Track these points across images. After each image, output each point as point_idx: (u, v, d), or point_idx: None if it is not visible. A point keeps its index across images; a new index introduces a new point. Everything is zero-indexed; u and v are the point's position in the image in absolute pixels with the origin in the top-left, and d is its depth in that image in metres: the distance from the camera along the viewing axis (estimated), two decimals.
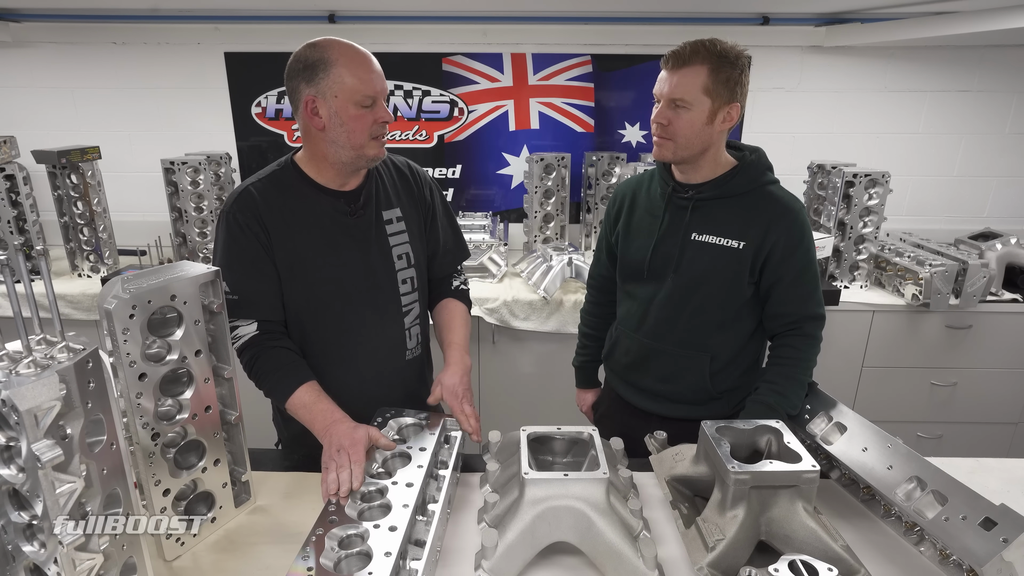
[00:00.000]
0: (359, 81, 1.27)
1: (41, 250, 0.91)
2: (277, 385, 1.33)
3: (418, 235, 1.51)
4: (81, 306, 2.54)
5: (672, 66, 1.36)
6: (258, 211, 1.34)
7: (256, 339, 1.34)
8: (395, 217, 1.46)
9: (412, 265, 1.49)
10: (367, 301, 1.43)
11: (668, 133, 1.40)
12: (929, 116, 3.09)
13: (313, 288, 1.38)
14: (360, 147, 1.32)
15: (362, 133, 1.31)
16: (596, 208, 3.02)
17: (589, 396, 1.87)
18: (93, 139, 2.83)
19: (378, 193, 1.45)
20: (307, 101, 1.29)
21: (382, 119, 1.32)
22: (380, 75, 1.31)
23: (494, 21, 2.94)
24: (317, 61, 1.27)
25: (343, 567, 0.94)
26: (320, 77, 1.27)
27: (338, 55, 1.27)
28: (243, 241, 1.33)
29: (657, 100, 1.42)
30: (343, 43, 1.29)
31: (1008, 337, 2.61)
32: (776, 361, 1.47)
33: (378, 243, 1.43)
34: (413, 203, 1.51)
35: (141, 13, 2.87)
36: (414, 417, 1.32)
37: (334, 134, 1.31)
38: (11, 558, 0.80)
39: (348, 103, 1.28)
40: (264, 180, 1.38)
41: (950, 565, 1.02)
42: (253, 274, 1.34)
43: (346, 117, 1.29)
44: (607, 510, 1.03)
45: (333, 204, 1.39)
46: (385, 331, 1.47)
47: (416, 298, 1.52)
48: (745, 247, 1.43)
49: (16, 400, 0.70)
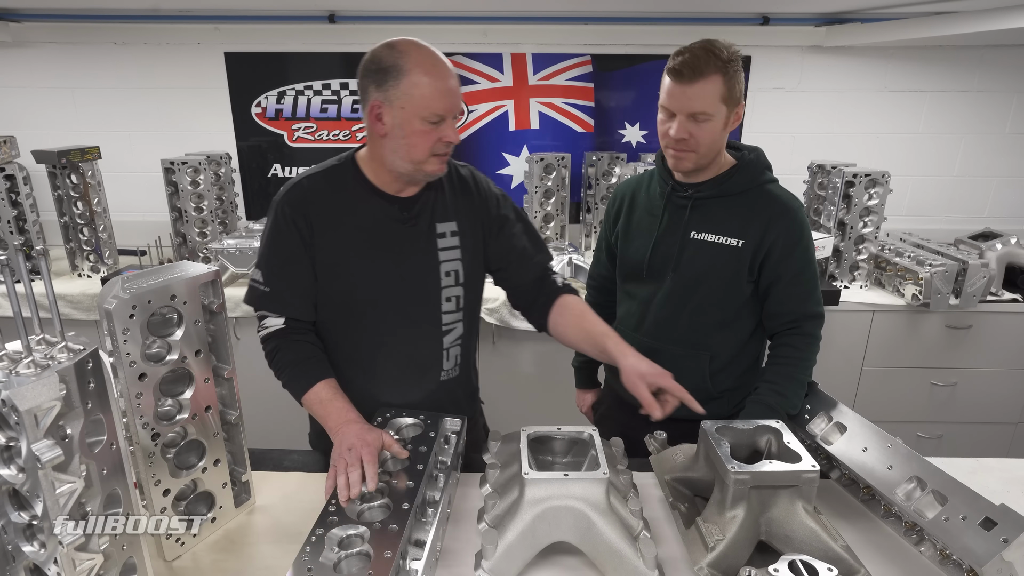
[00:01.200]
0: (430, 96, 1.20)
1: (41, 250, 0.91)
2: (295, 378, 1.31)
3: (473, 252, 1.41)
4: (81, 306, 2.54)
5: (687, 79, 1.32)
6: (306, 206, 1.30)
7: (281, 332, 1.33)
8: (450, 231, 1.38)
9: (460, 284, 1.40)
10: (403, 314, 1.36)
11: (689, 146, 1.38)
12: (929, 116, 3.09)
13: (350, 293, 1.33)
14: (419, 162, 1.26)
15: (423, 150, 1.24)
16: (596, 208, 3.02)
17: (589, 396, 1.87)
18: (93, 139, 2.82)
19: (435, 203, 1.37)
20: (373, 105, 1.23)
21: (447, 139, 1.26)
22: (455, 92, 1.24)
23: (494, 21, 2.94)
24: (391, 66, 1.19)
25: (343, 567, 0.94)
26: (390, 84, 1.19)
27: (414, 64, 1.19)
28: (285, 234, 1.30)
29: (669, 114, 1.38)
30: (424, 50, 1.21)
31: (1008, 337, 2.61)
32: (776, 361, 1.47)
33: (426, 256, 1.36)
34: (474, 218, 1.41)
35: (141, 13, 2.87)
36: (414, 417, 1.32)
37: (394, 144, 1.24)
38: (11, 558, 0.80)
39: (414, 117, 1.21)
40: (320, 174, 1.34)
41: (950, 565, 1.02)
42: (287, 270, 1.31)
43: (409, 131, 1.22)
44: (607, 510, 1.03)
45: (385, 209, 1.33)
46: (419, 348, 1.40)
47: (460, 318, 1.42)
48: (744, 245, 1.43)
49: (16, 400, 0.70)
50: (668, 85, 1.36)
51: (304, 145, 3.14)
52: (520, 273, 1.48)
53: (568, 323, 1.43)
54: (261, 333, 1.34)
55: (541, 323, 1.48)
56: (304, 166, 3.16)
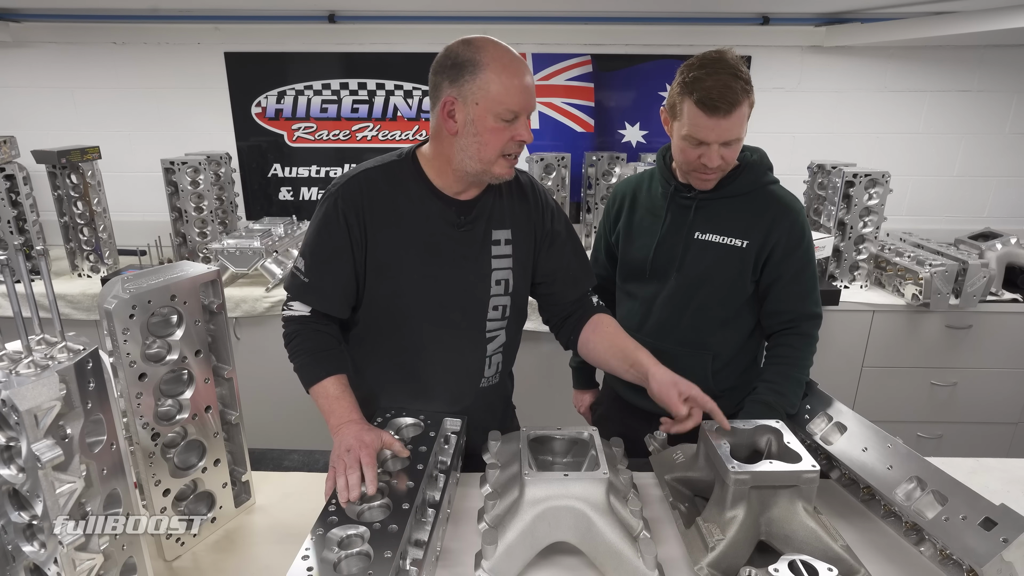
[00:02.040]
0: (506, 92, 1.17)
1: (41, 250, 0.91)
2: (308, 366, 1.29)
3: (523, 262, 1.39)
4: (81, 306, 2.53)
5: (725, 113, 1.30)
6: (361, 202, 1.27)
7: (304, 318, 1.32)
8: (504, 239, 1.36)
9: (508, 293, 1.38)
10: (449, 320, 1.34)
11: (720, 169, 1.39)
12: (929, 116, 3.09)
13: (398, 295, 1.31)
14: (488, 163, 1.23)
15: (494, 148, 1.22)
16: (596, 208, 3.02)
17: (587, 397, 1.87)
18: (93, 139, 2.82)
19: (492, 209, 1.34)
20: (446, 102, 1.20)
21: (520, 138, 1.23)
22: (530, 90, 1.22)
23: (494, 21, 2.93)
24: (466, 62, 1.18)
25: (343, 567, 0.94)
26: (466, 79, 1.18)
27: (490, 59, 1.17)
28: (334, 228, 1.27)
29: (698, 143, 1.35)
30: (500, 47, 1.20)
31: (1008, 337, 2.61)
32: (774, 360, 1.47)
33: (479, 262, 1.34)
34: (529, 228, 1.39)
35: (141, 13, 2.87)
36: (414, 417, 1.32)
37: (465, 142, 1.22)
38: (11, 558, 0.80)
39: (488, 114, 1.19)
40: (378, 169, 1.31)
41: (950, 565, 1.02)
42: (330, 267, 1.29)
43: (482, 128, 1.20)
44: (607, 510, 1.03)
45: (443, 211, 1.30)
46: (463, 354, 1.39)
47: (504, 326, 1.41)
48: (748, 246, 1.43)
49: (16, 400, 0.70)
50: (699, 117, 1.32)
51: (304, 145, 3.14)
52: (562, 292, 1.46)
53: (601, 339, 1.42)
54: (285, 313, 1.33)
55: (571, 340, 1.47)
56: (304, 166, 3.17)
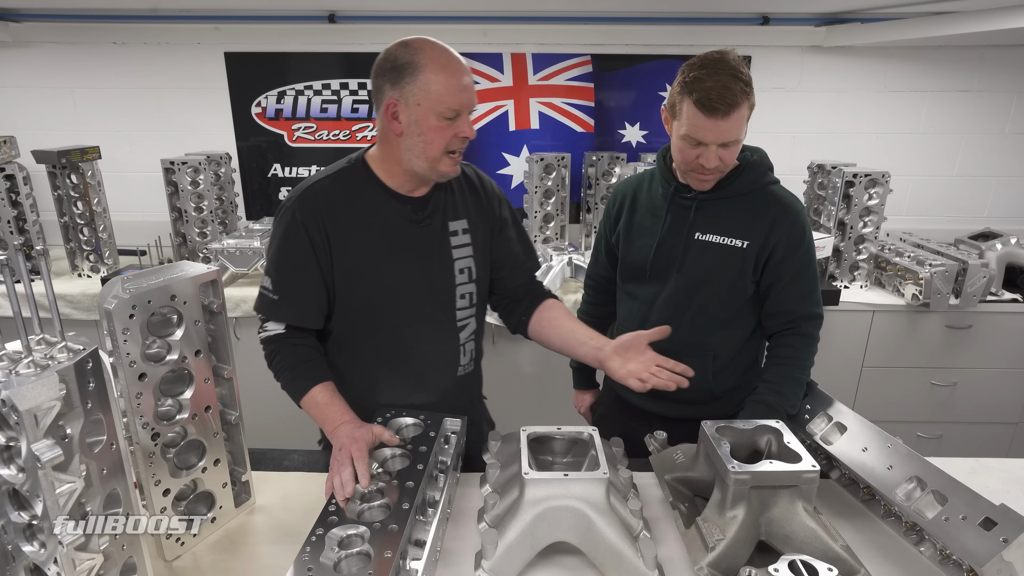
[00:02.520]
0: (446, 92, 1.20)
1: (41, 250, 0.91)
2: (293, 381, 1.31)
3: (482, 249, 1.44)
4: (81, 306, 2.53)
5: (723, 114, 1.30)
6: (320, 212, 1.29)
7: (281, 336, 1.33)
8: (461, 229, 1.40)
9: (473, 280, 1.42)
10: (423, 313, 1.38)
11: (719, 169, 1.39)
12: (929, 116, 3.09)
13: (371, 296, 1.34)
14: (434, 160, 1.26)
15: (439, 146, 1.25)
16: (596, 208, 3.02)
17: (587, 397, 1.87)
18: (93, 139, 2.82)
19: (447, 202, 1.39)
20: (388, 104, 1.23)
21: (463, 134, 1.26)
22: (470, 87, 1.24)
23: (494, 21, 2.93)
24: (406, 64, 1.20)
25: (343, 567, 0.94)
26: (406, 81, 1.20)
27: (429, 60, 1.20)
28: (296, 242, 1.29)
29: (696, 143, 1.35)
30: (437, 47, 1.22)
31: (1008, 337, 2.61)
32: (774, 360, 1.47)
33: (441, 254, 1.38)
34: (481, 216, 1.44)
35: (141, 13, 2.87)
36: (414, 417, 1.32)
37: (410, 142, 1.25)
38: (11, 558, 0.80)
39: (430, 113, 1.21)
40: (330, 178, 1.33)
41: (950, 565, 1.02)
42: (298, 280, 1.31)
43: (425, 127, 1.23)
44: (607, 510, 1.03)
45: (399, 209, 1.33)
46: (439, 345, 1.42)
47: (473, 314, 1.45)
48: (749, 246, 1.43)
49: (16, 400, 0.70)
50: (698, 117, 1.32)
51: (304, 145, 3.14)
52: (510, 278, 1.52)
53: (554, 321, 1.46)
54: (261, 335, 1.34)
55: (520, 325, 1.52)
56: (304, 166, 3.17)
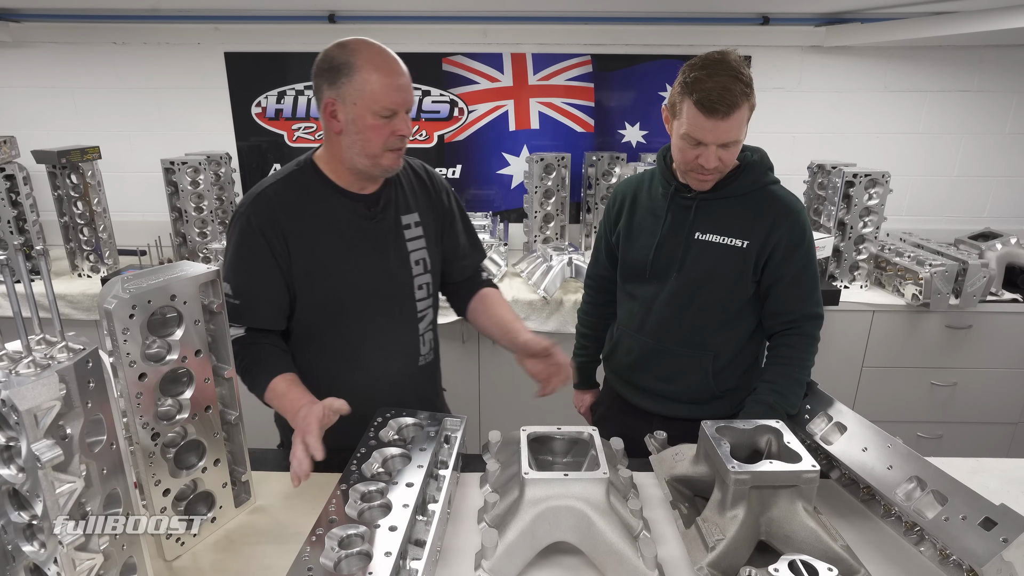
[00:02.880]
0: (382, 91, 1.23)
1: (41, 250, 0.91)
2: (256, 379, 1.32)
3: (435, 240, 1.49)
4: (81, 306, 2.54)
5: (723, 115, 1.30)
6: (275, 215, 1.31)
7: (241, 339, 1.34)
8: (413, 222, 1.44)
9: (428, 271, 1.47)
10: (383, 307, 1.42)
11: (718, 170, 1.39)
12: (929, 116, 3.09)
13: (330, 292, 1.37)
14: (374, 157, 1.29)
15: (377, 144, 1.27)
16: (596, 208, 3.02)
17: (587, 397, 1.87)
18: (93, 139, 2.82)
19: (397, 197, 1.43)
20: (327, 103, 1.26)
21: (400, 132, 1.28)
22: (406, 87, 1.27)
23: (494, 21, 2.93)
24: (342, 64, 1.23)
25: (343, 567, 0.94)
26: (342, 81, 1.23)
27: (364, 60, 1.22)
28: (254, 247, 1.31)
29: (695, 143, 1.35)
30: (372, 47, 1.25)
31: (1008, 337, 2.61)
32: (775, 361, 1.47)
33: (396, 248, 1.41)
34: (431, 208, 1.49)
35: (141, 13, 2.87)
36: (414, 417, 1.32)
37: (349, 140, 1.28)
38: (11, 558, 0.80)
39: (367, 112, 1.24)
40: (282, 182, 1.36)
41: (950, 565, 1.02)
42: (258, 283, 1.33)
43: (363, 126, 1.25)
44: (607, 510, 1.03)
45: (352, 207, 1.37)
46: (400, 337, 1.46)
47: (430, 304, 1.51)
48: (749, 246, 1.43)
49: (16, 400, 0.70)
50: (698, 117, 1.31)
51: (304, 145, 3.14)
52: (455, 271, 1.58)
53: (485, 308, 1.56)
54: None
55: (462, 308, 1.63)
56: None
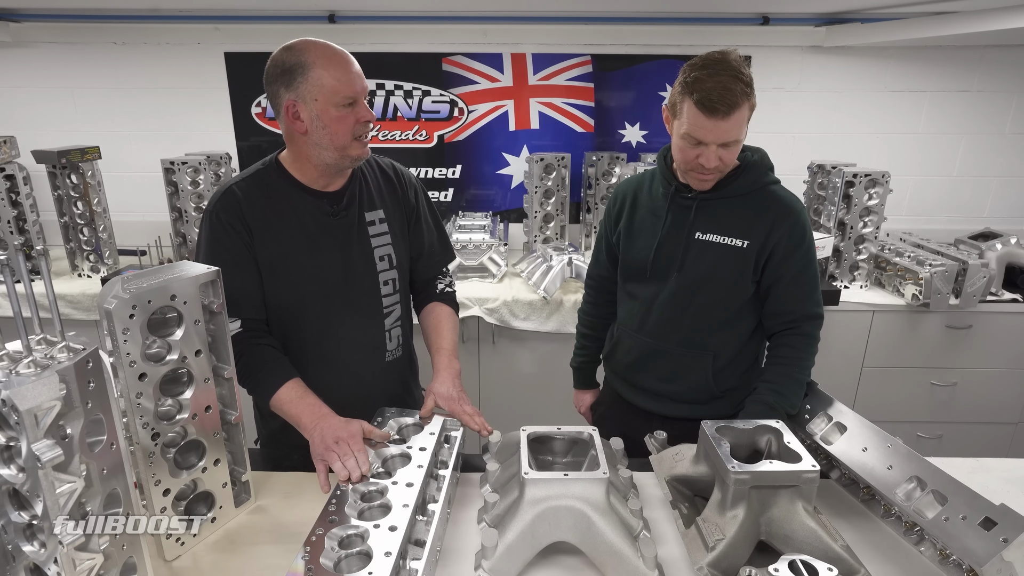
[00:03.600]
0: (338, 82, 1.27)
1: (41, 250, 0.91)
2: (261, 382, 1.34)
3: (401, 237, 1.51)
4: (81, 306, 2.54)
5: (723, 115, 1.30)
6: (240, 210, 1.34)
7: (240, 336, 1.32)
8: (378, 219, 1.46)
9: (394, 267, 1.49)
10: (347, 302, 1.43)
11: (718, 169, 1.38)
12: (929, 116, 3.09)
13: (294, 287, 1.39)
14: (343, 148, 1.32)
15: (345, 134, 1.30)
16: (596, 208, 3.02)
17: (587, 397, 1.87)
18: (93, 139, 2.82)
19: (361, 194, 1.45)
20: (288, 106, 1.29)
21: (364, 118, 1.32)
22: (359, 75, 1.31)
23: (494, 21, 2.93)
24: (294, 65, 1.26)
25: (343, 567, 0.94)
26: (299, 81, 1.26)
27: (315, 57, 1.26)
28: (226, 240, 1.34)
29: (696, 142, 1.34)
30: (319, 44, 1.28)
31: (1008, 337, 2.61)
32: (775, 361, 1.47)
33: (360, 244, 1.43)
34: (397, 205, 1.51)
35: (141, 13, 2.87)
36: (414, 417, 1.32)
37: (317, 137, 1.31)
38: (11, 558, 0.80)
39: (329, 105, 1.27)
40: (247, 179, 1.39)
41: (950, 565, 1.02)
42: (236, 273, 1.33)
43: (328, 120, 1.28)
44: (607, 510, 1.03)
45: (316, 204, 1.39)
46: (365, 332, 1.48)
47: (398, 300, 1.52)
48: (749, 246, 1.43)
49: (16, 400, 0.70)
50: (698, 117, 1.31)
51: None
52: (420, 268, 1.60)
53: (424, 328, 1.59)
54: None
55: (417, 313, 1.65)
56: None
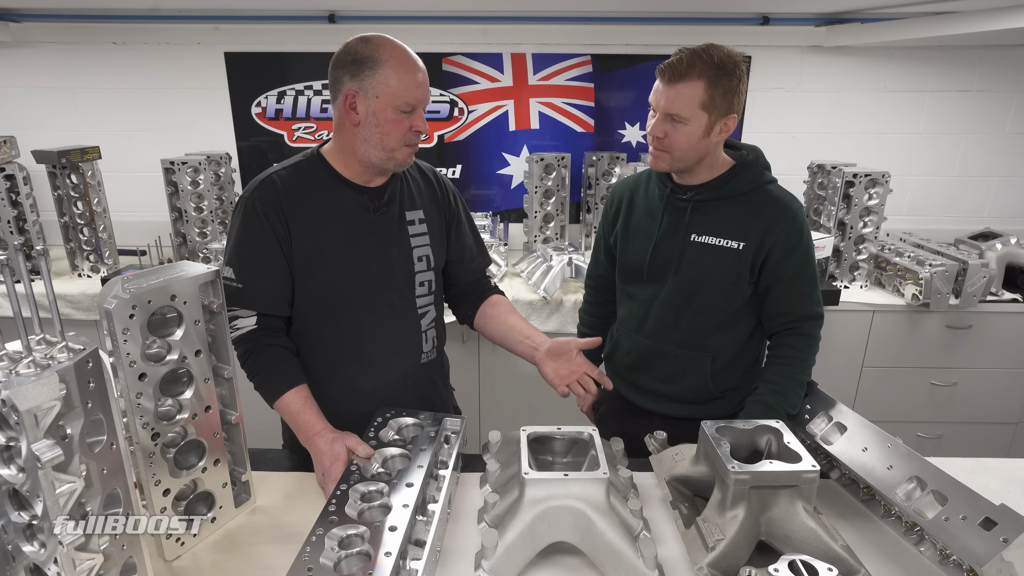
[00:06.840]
0: (404, 87, 1.27)
1: (41, 250, 0.91)
2: (268, 383, 1.33)
3: (439, 239, 1.50)
4: (81, 306, 2.53)
5: (668, 79, 1.31)
6: (279, 200, 1.33)
7: (254, 334, 1.34)
8: (418, 219, 1.45)
9: (431, 268, 1.48)
10: (384, 300, 1.42)
11: (664, 146, 1.38)
12: (929, 116, 3.09)
13: (331, 283, 1.37)
14: (391, 150, 1.32)
15: (396, 138, 1.30)
16: (596, 208, 3.02)
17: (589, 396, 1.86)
18: (93, 139, 2.82)
19: (403, 193, 1.44)
20: (347, 95, 1.28)
21: (418, 128, 1.32)
22: (425, 85, 1.31)
23: (494, 21, 2.93)
24: (366, 57, 1.26)
25: (343, 567, 0.94)
26: (366, 74, 1.26)
27: (388, 56, 1.26)
28: (258, 230, 1.32)
29: (653, 110, 1.38)
30: (396, 45, 1.28)
31: (1008, 337, 2.61)
32: (775, 361, 1.47)
33: (399, 242, 1.42)
34: (436, 207, 1.50)
35: (141, 13, 2.86)
36: (414, 417, 1.32)
37: (367, 132, 1.30)
38: (11, 558, 0.80)
39: (388, 106, 1.27)
40: (289, 169, 1.37)
41: (950, 565, 1.02)
42: (262, 266, 1.33)
43: (383, 119, 1.28)
44: (607, 510, 1.03)
45: (357, 199, 1.38)
46: (401, 332, 1.46)
47: (432, 301, 1.50)
48: (745, 247, 1.42)
49: (16, 400, 0.70)
50: (656, 82, 1.36)
51: (304, 145, 3.14)
52: (462, 273, 1.60)
53: (493, 319, 1.57)
54: (233, 335, 1.34)
55: (468, 315, 1.62)
56: None
